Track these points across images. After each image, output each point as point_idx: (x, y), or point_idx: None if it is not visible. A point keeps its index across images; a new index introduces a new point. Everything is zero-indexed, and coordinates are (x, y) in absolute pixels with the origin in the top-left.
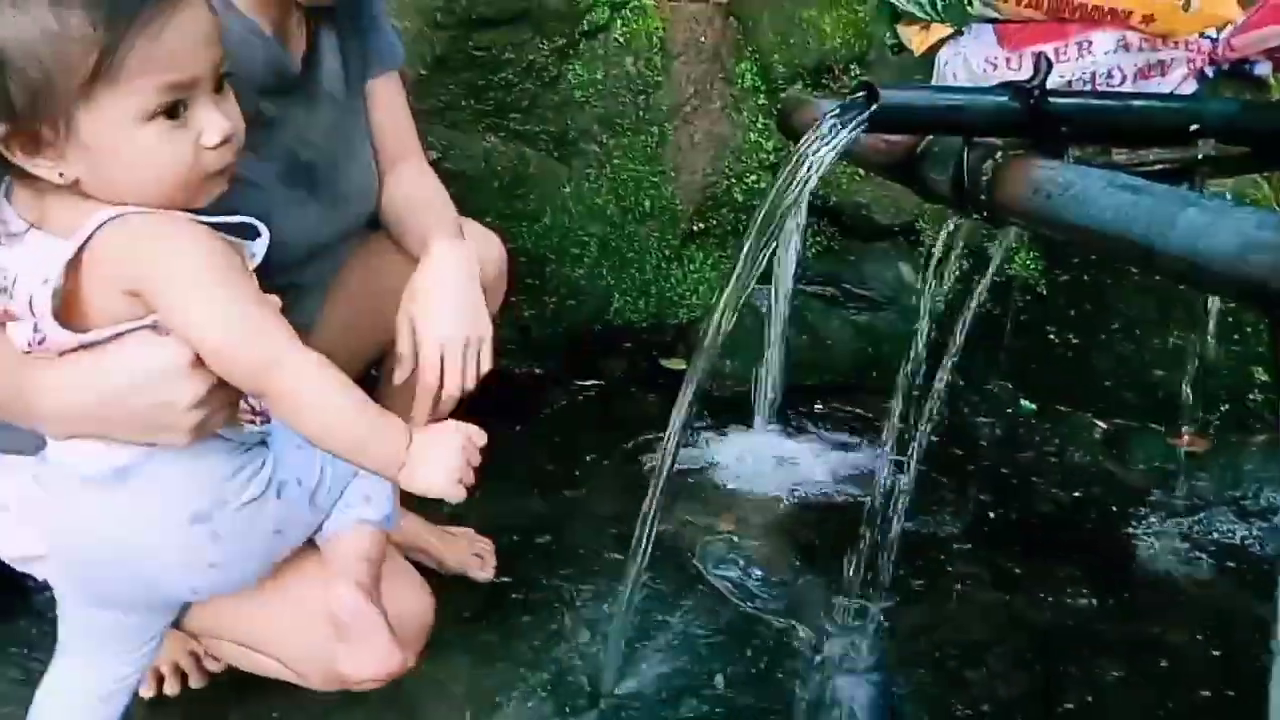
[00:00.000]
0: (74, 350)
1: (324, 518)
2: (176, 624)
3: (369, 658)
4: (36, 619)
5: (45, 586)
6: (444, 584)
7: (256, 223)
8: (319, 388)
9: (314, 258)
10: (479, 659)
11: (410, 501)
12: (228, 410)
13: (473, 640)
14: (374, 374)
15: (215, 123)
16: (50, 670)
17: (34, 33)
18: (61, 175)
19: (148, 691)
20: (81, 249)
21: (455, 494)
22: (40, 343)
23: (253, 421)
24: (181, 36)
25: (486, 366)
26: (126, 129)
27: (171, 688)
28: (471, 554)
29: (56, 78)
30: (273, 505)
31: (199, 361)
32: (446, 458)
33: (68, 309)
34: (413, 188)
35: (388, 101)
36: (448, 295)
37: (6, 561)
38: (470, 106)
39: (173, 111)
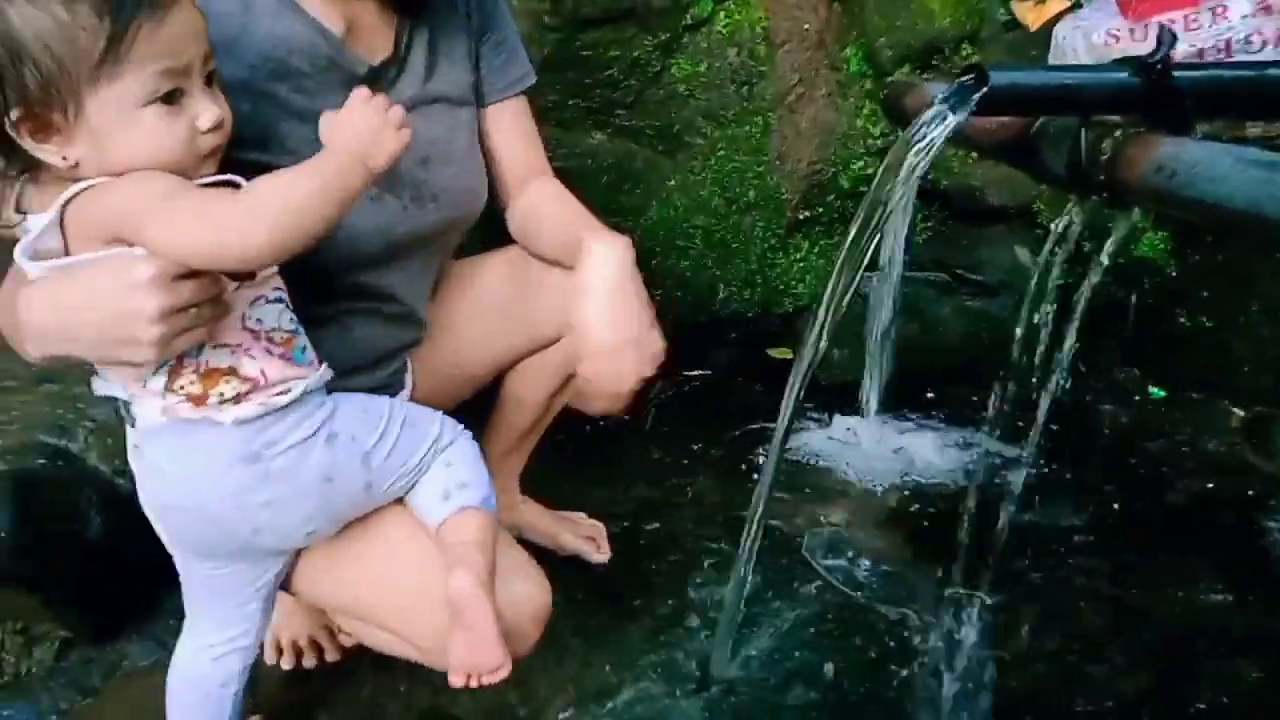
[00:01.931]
0: None
1: (393, 486)
2: (289, 589)
3: (468, 649)
4: None
5: None
6: (557, 566)
7: (236, 178)
8: (275, 197)
9: (397, 255)
10: (589, 641)
11: (524, 485)
12: (198, 332)
13: (584, 622)
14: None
15: (208, 108)
16: (177, 644)
17: (46, 23)
18: (65, 159)
19: (287, 663)
20: (63, 216)
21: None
22: None
23: (302, 377)
24: (180, 26)
25: (659, 349)
26: (129, 112)
27: (309, 660)
28: (586, 537)
29: (68, 65)
30: (320, 450)
31: (165, 278)
32: (355, 121)
33: None
34: (551, 199)
35: (515, 125)
36: (610, 295)
37: None
38: (577, 104)
39: (170, 98)
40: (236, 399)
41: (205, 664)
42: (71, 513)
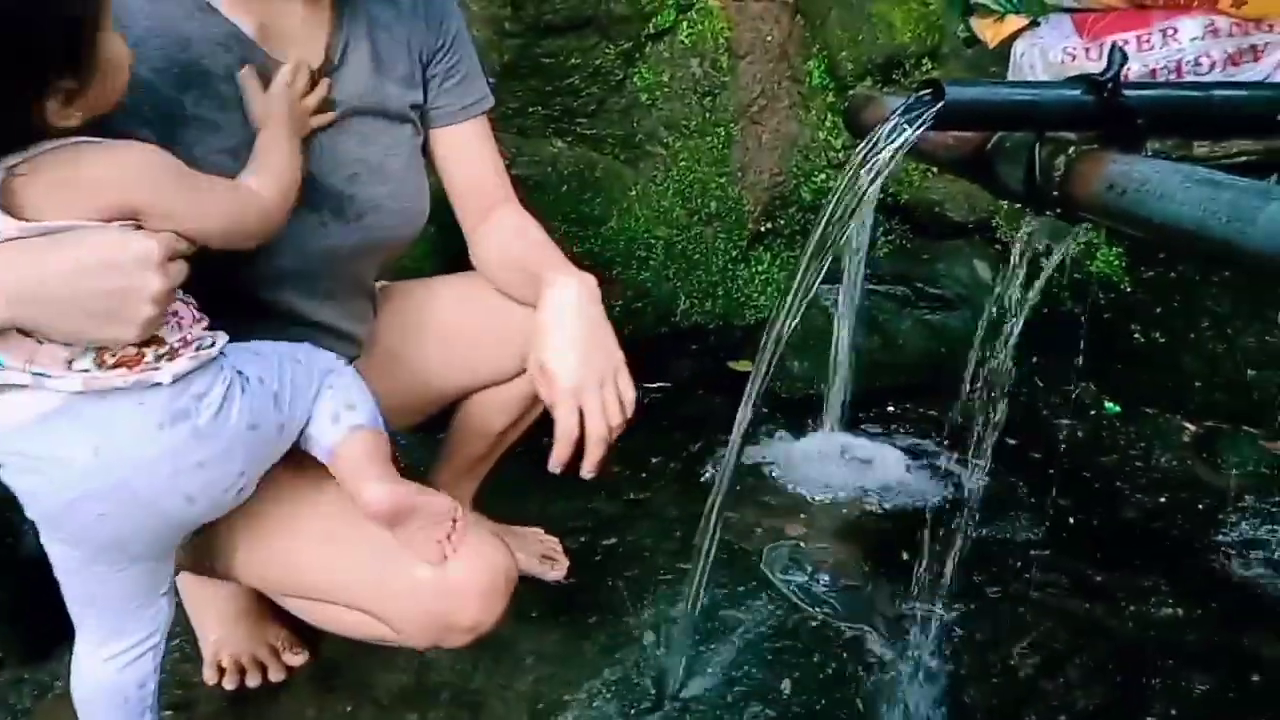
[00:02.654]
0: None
1: (297, 424)
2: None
3: (425, 535)
4: None
5: None
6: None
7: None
8: (267, 192)
9: (316, 271)
10: (544, 659)
11: (479, 504)
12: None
13: (538, 640)
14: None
15: None
16: (73, 656)
17: None
18: (75, 119)
19: (229, 683)
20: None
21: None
22: None
23: (217, 330)
24: None
25: (629, 396)
26: (118, 43)
27: (252, 680)
28: (541, 554)
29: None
30: (239, 398)
31: (165, 260)
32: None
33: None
34: (514, 234)
35: (472, 149)
36: (572, 332)
37: None
38: (538, 112)
39: None
40: (171, 355)
41: (113, 673)
42: (3, 527)
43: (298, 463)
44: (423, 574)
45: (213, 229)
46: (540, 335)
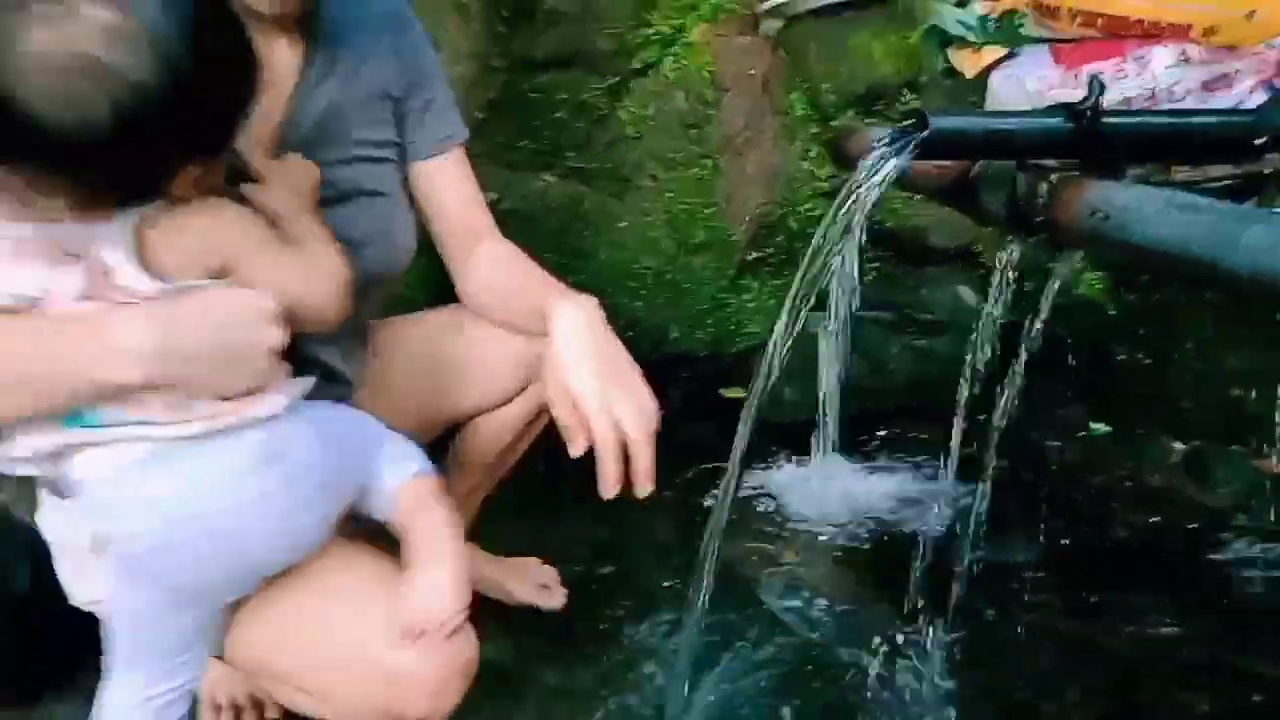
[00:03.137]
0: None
1: (364, 476)
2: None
3: (422, 594)
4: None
5: None
6: (508, 615)
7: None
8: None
9: None
10: (543, 690)
11: (474, 534)
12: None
13: (537, 671)
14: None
15: None
16: (105, 692)
17: (253, 64)
18: (195, 193)
19: None
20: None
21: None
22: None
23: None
24: None
25: (651, 405)
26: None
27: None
28: (538, 584)
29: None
30: (323, 445)
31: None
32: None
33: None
34: (505, 267)
35: (450, 182)
36: (589, 353)
37: (88, 605)
38: (525, 147)
39: None
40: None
41: (152, 714)
42: None
43: None
44: (372, 663)
45: (303, 299)
46: (556, 361)
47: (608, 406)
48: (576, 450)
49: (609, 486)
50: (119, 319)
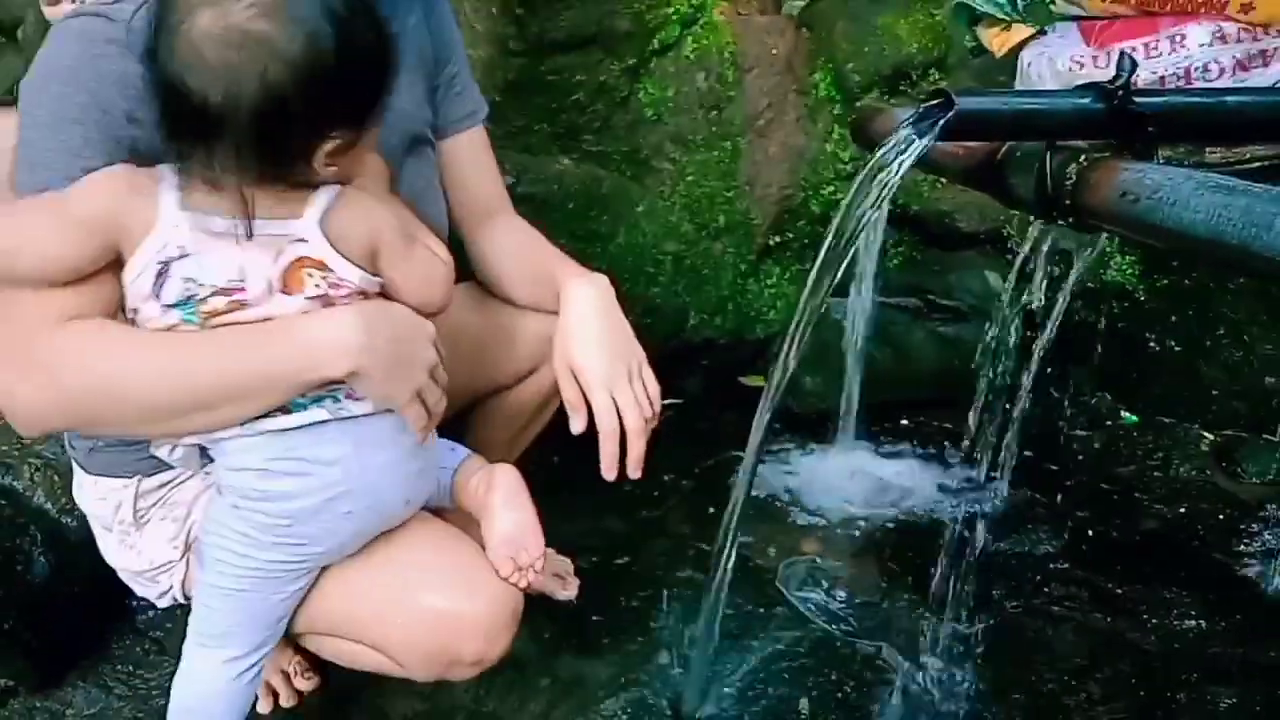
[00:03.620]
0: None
1: (438, 466)
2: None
3: (515, 530)
4: (139, 637)
5: (148, 606)
6: (524, 605)
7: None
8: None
9: None
10: (559, 681)
11: None
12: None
13: (552, 662)
14: None
15: None
16: (192, 662)
17: (392, 51)
18: (335, 169)
19: None
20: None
21: None
22: (344, 296)
23: None
24: None
25: (655, 389)
26: (375, 134)
27: (264, 705)
28: (553, 574)
29: (385, 84)
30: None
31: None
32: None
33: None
34: (519, 241)
35: (473, 158)
36: (597, 332)
37: (129, 577)
38: (544, 129)
39: None
40: None
41: (244, 685)
42: (14, 553)
43: None
44: (427, 608)
45: (414, 291)
46: (565, 337)
47: (609, 387)
48: (576, 427)
49: (607, 470)
50: (334, 319)
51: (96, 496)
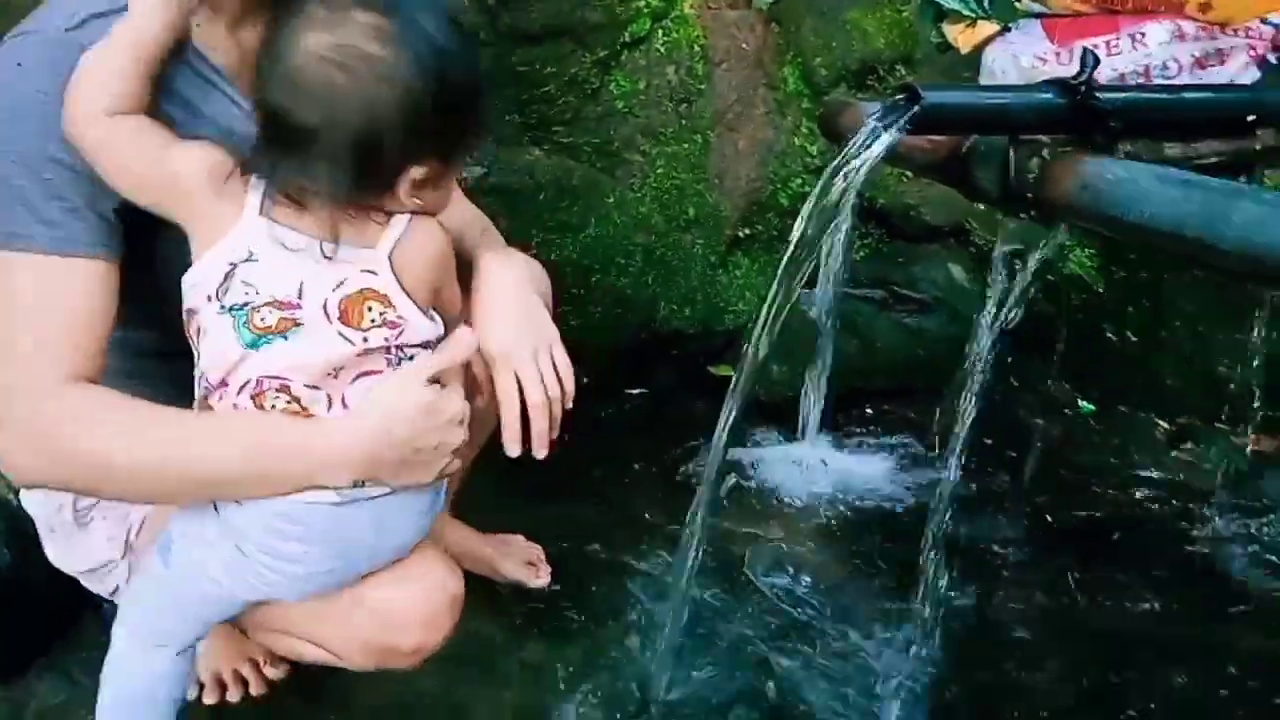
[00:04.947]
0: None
1: None
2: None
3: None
4: (103, 628)
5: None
6: (496, 592)
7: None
8: None
9: None
10: (529, 667)
11: (459, 511)
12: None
13: (523, 648)
14: None
15: None
16: (117, 658)
17: (485, 91)
18: (421, 201)
19: (210, 697)
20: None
21: None
22: (398, 336)
23: None
24: None
25: (566, 366)
26: (459, 170)
27: (234, 694)
28: (525, 561)
29: (482, 120)
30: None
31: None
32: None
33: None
34: (454, 220)
35: None
36: (506, 310)
37: (78, 575)
38: (514, 121)
39: None
40: None
41: (170, 664)
42: None
43: None
44: (360, 598)
45: (453, 304)
46: (476, 317)
47: (511, 359)
48: (481, 404)
49: (509, 444)
50: (343, 431)
51: (38, 498)
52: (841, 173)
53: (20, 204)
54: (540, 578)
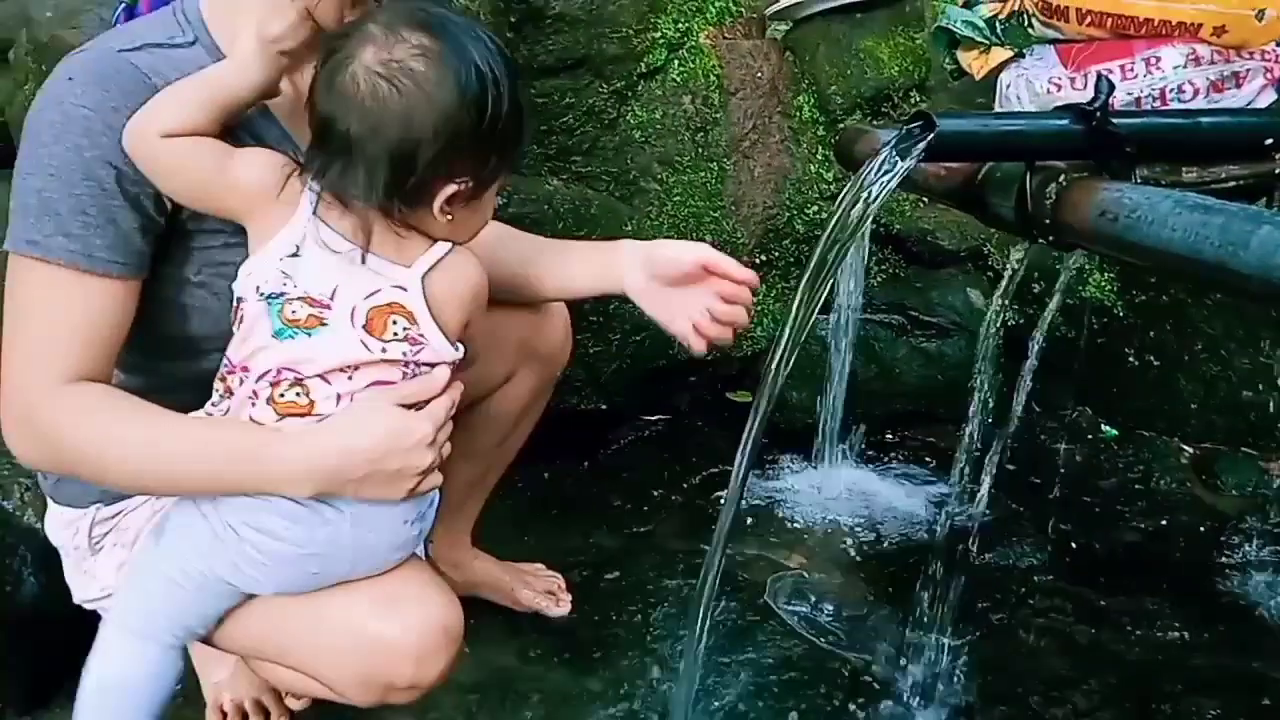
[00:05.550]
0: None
1: None
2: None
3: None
4: None
5: None
6: (515, 621)
7: None
8: None
9: None
10: (549, 697)
11: (480, 539)
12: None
13: (543, 678)
14: None
15: None
16: (103, 651)
17: (522, 116)
18: (452, 220)
19: None
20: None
21: None
22: (417, 353)
23: None
24: None
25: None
26: (494, 195)
27: None
28: (544, 590)
29: (515, 145)
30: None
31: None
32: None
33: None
34: (505, 234)
35: None
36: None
37: (92, 605)
38: (533, 151)
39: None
40: None
41: (159, 652)
42: (4, 574)
43: None
44: (352, 629)
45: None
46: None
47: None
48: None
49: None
50: (307, 444)
51: (60, 525)
52: (858, 200)
53: (48, 214)
54: (560, 607)
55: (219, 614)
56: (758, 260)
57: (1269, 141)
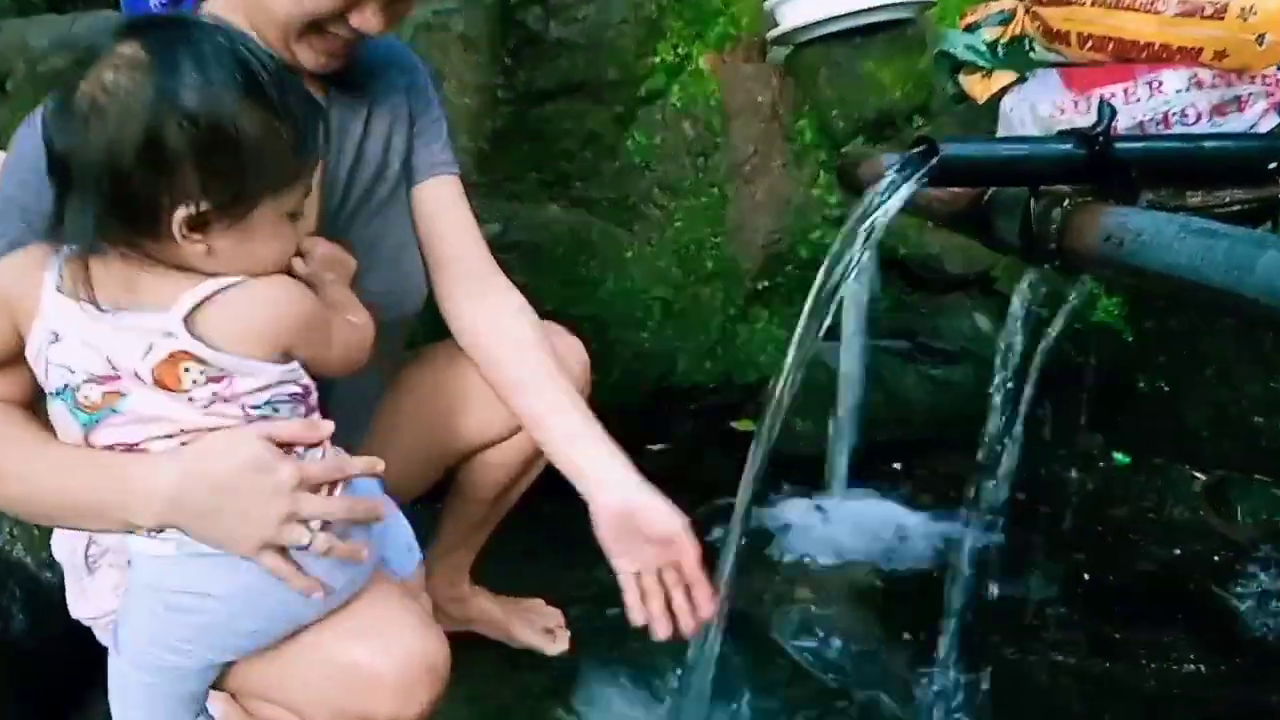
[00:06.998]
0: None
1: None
2: (218, 685)
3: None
4: None
5: None
6: (512, 658)
7: None
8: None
9: None
10: None
11: (478, 574)
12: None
13: (540, 713)
14: None
15: (307, 225)
16: None
17: (263, 130)
18: (208, 252)
19: None
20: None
21: None
22: (227, 389)
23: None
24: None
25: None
26: (278, 221)
27: None
28: (542, 628)
29: (270, 171)
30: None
31: (298, 486)
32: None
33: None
34: (529, 338)
35: (444, 208)
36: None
37: (90, 624)
38: (532, 177)
39: (294, 215)
40: None
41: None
42: None
43: None
44: (331, 660)
45: (336, 364)
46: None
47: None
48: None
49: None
50: (148, 472)
51: (60, 543)
52: (862, 224)
53: None
54: (558, 645)
55: (209, 681)
56: (760, 286)
57: (1272, 165)
